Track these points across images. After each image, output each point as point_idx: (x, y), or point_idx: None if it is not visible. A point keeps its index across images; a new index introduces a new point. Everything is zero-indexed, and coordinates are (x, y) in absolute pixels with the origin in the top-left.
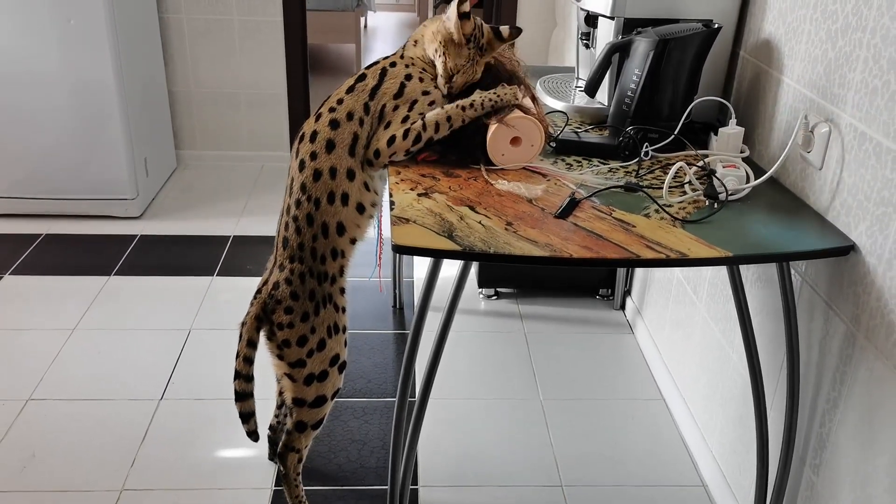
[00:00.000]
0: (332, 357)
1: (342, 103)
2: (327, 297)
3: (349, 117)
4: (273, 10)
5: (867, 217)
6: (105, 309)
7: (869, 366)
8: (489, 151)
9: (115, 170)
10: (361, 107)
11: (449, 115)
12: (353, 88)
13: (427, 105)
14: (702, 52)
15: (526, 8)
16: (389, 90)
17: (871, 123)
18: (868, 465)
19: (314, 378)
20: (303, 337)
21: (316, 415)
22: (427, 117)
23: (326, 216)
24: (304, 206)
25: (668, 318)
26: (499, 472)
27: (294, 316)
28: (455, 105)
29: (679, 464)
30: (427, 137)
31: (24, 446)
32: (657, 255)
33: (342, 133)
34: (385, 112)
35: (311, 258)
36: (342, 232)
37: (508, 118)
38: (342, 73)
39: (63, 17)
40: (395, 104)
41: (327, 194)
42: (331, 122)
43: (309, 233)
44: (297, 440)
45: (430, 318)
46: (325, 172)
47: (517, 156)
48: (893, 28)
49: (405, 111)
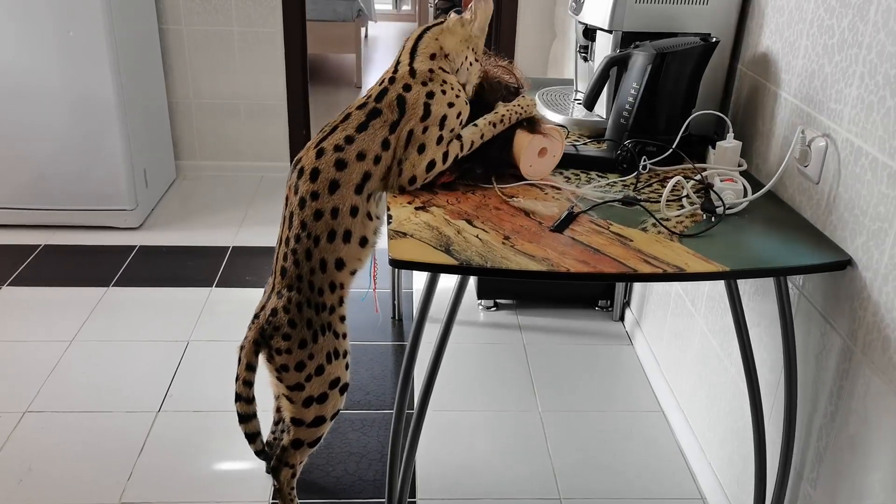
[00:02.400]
0: (331, 381)
1: (352, 143)
2: (326, 326)
3: (360, 157)
4: (273, 21)
5: (863, 232)
6: (103, 320)
7: (866, 381)
8: (520, 163)
9: (115, 180)
10: (379, 145)
11: (482, 132)
12: (365, 126)
13: (456, 118)
14: (700, 66)
15: (525, 20)
16: (415, 115)
17: (867, 138)
18: (865, 480)
19: (313, 400)
20: (301, 363)
21: (313, 434)
22: (464, 137)
23: (325, 253)
24: (303, 242)
25: (666, 330)
26: (497, 485)
27: (292, 343)
28: (486, 122)
29: (677, 476)
30: (462, 156)
31: (22, 459)
32: (654, 270)
33: (350, 173)
34: (414, 136)
35: (308, 289)
36: (341, 267)
37: (544, 128)
38: (342, 84)
39: (63, 29)
40: (423, 126)
41: (328, 233)
42: (337, 163)
43: (307, 266)
44: (293, 456)
45: (429, 330)
46: (327, 213)
47: (542, 166)
48: (889, 44)
49: (437, 131)
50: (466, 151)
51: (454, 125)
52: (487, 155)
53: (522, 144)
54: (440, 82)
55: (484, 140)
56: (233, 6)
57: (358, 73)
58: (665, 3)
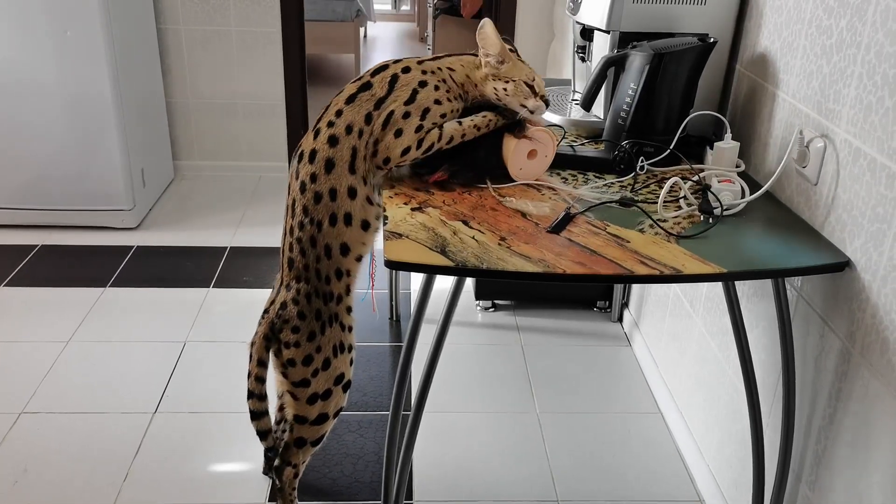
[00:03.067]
0: (336, 376)
1: (341, 115)
2: (333, 317)
3: (348, 130)
4: (271, 21)
5: (862, 233)
6: (100, 320)
7: (864, 383)
8: (509, 166)
9: (112, 180)
10: (363, 118)
11: (464, 131)
12: (354, 98)
13: (439, 116)
14: (697, 67)
15: (524, 20)
16: (400, 97)
17: (865, 139)
18: (863, 483)
19: (318, 397)
20: (308, 356)
21: (316, 432)
22: (444, 129)
23: (329, 238)
24: (307, 229)
25: (665, 331)
26: (494, 487)
27: (300, 335)
28: (470, 122)
29: (676, 478)
30: (438, 147)
31: (17, 460)
32: (651, 271)
33: (341, 149)
34: (393, 118)
35: (316, 279)
36: (346, 252)
37: (529, 132)
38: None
39: (60, 29)
40: (404, 110)
41: (329, 216)
42: (329, 139)
43: (313, 254)
44: (295, 455)
45: (426, 331)
46: (326, 195)
47: (533, 168)
48: (887, 44)
49: (417, 120)
50: (444, 144)
51: (436, 120)
52: (476, 159)
53: (509, 148)
54: (439, 80)
55: (465, 139)
56: (231, 6)
57: (357, 73)
58: (663, 4)
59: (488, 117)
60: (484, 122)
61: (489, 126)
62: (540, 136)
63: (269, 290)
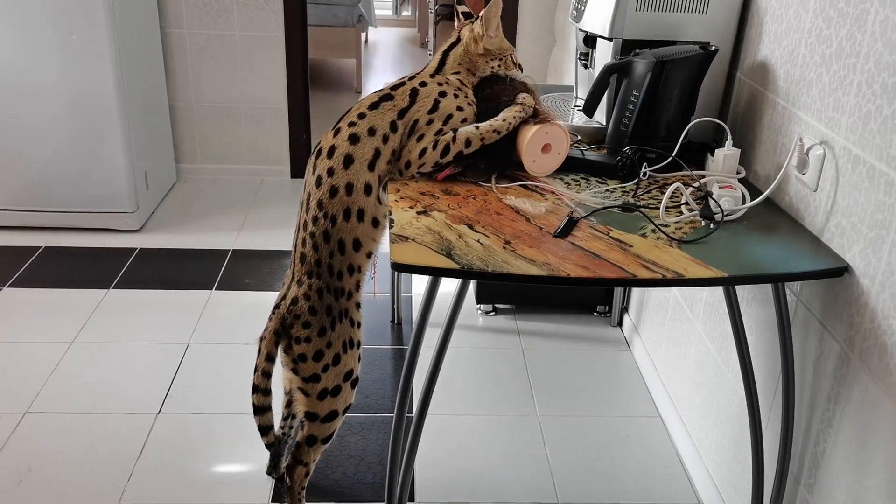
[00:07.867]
0: (346, 372)
1: (364, 118)
2: (343, 313)
3: (371, 132)
4: (274, 25)
5: (861, 239)
6: (103, 322)
7: (863, 387)
8: (523, 157)
9: (115, 183)
10: (387, 124)
11: (482, 135)
12: (377, 105)
13: (460, 122)
14: (699, 74)
15: (525, 27)
16: (423, 107)
17: (864, 147)
18: (861, 486)
19: (328, 393)
20: (319, 352)
21: (327, 429)
22: (459, 132)
23: (343, 233)
24: (320, 223)
25: (664, 335)
26: (496, 489)
27: (311, 331)
28: (489, 126)
29: (675, 481)
30: (456, 150)
31: (21, 460)
32: (653, 275)
33: (362, 148)
34: (418, 126)
35: (328, 274)
36: (358, 248)
37: (546, 124)
38: (343, 88)
39: (65, 32)
40: (429, 118)
41: (343, 211)
42: (350, 137)
43: (326, 249)
44: (307, 454)
45: (428, 334)
46: (342, 189)
47: (546, 163)
48: (886, 54)
49: (439, 125)
50: (463, 148)
51: (457, 125)
52: (492, 150)
53: (525, 136)
54: (456, 87)
55: (484, 143)
56: (235, 10)
57: (358, 77)
58: (665, 12)
59: (508, 121)
60: (503, 125)
61: (508, 128)
62: (555, 131)
63: (272, 292)
